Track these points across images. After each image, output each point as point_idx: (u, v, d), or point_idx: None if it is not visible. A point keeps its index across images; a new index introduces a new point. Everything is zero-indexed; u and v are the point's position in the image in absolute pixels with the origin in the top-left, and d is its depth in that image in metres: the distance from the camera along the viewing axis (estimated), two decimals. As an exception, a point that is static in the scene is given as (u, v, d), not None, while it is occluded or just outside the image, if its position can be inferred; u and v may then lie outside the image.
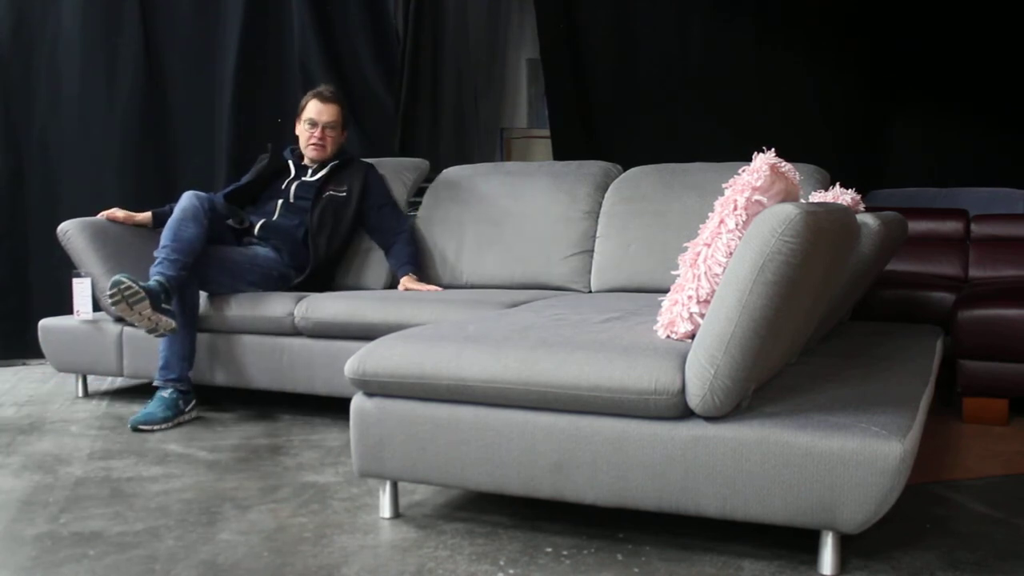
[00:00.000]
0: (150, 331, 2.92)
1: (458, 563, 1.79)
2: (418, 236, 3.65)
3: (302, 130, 3.54)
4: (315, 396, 3.13)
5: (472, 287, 3.50)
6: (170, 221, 3.05)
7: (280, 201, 3.47)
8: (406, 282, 3.36)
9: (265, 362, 3.13)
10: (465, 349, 1.91)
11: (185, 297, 3.05)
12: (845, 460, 1.61)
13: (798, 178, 1.96)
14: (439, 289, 3.33)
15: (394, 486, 2.07)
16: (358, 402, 2.02)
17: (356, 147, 4.52)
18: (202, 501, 2.20)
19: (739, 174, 1.80)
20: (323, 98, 3.51)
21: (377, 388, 1.98)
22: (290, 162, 3.58)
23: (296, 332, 3.09)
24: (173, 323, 2.96)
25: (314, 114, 3.50)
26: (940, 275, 3.95)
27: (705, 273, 1.76)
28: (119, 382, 3.85)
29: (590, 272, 3.36)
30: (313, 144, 3.51)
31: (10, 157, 4.36)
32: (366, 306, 2.98)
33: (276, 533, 1.97)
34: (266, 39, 4.65)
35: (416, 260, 3.49)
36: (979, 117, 5.22)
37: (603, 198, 3.46)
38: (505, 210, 3.54)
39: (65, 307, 3.70)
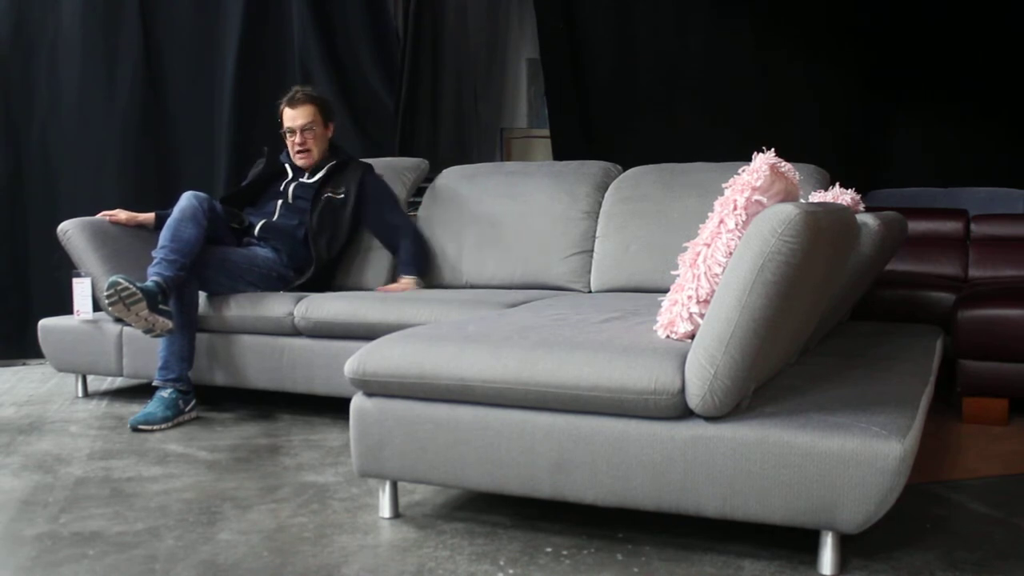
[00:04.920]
0: (147, 332, 2.92)
1: (458, 563, 1.79)
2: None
3: (286, 139, 3.53)
4: (315, 396, 3.13)
5: (472, 287, 3.50)
6: (169, 221, 3.05)
7: (279, 202, 3.47)
8: (398, 284, 3.31)
9: (265, 362, 3.13)
10: (465, 349, 1.91)
11: (184, 297, 3.05)
12: (845, 460, 1.61)
13: (798, 178, 1.96)
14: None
15: (394, 486, 2.07)
16: (358, 402, 2.02)
17: (356, 147, 4.52)
18: (202, 501, 2.20)
19: (739, 174, 1.80)
20: (293, 102, 3.47)
21: (377, 388, 1.98)
22: (287, 165, 3.57)
23: (296, 332, 3.09)
24: (170, 324, 2.95)
25: (289, 121, 3.47)
26: (940, 275, 3.95)
27: (705, 273, 1.76)
28: (119, 382, 3.85)
29: (590, 272, 3.36)
30: (298, 152, 3.50)
31: (10, 157, 4.37)
32: (366, 306, 2.97)
33: (276, 533, 1.97)
34: (266, 39, 4.66)
35: (419, 260, 3.48)
36: (979, 117, 5.22)
37: (603, 198, 3.46)
38: (505, 210, 3.54)
39: (65, 307, 3.71)
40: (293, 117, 3.47)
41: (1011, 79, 5.14)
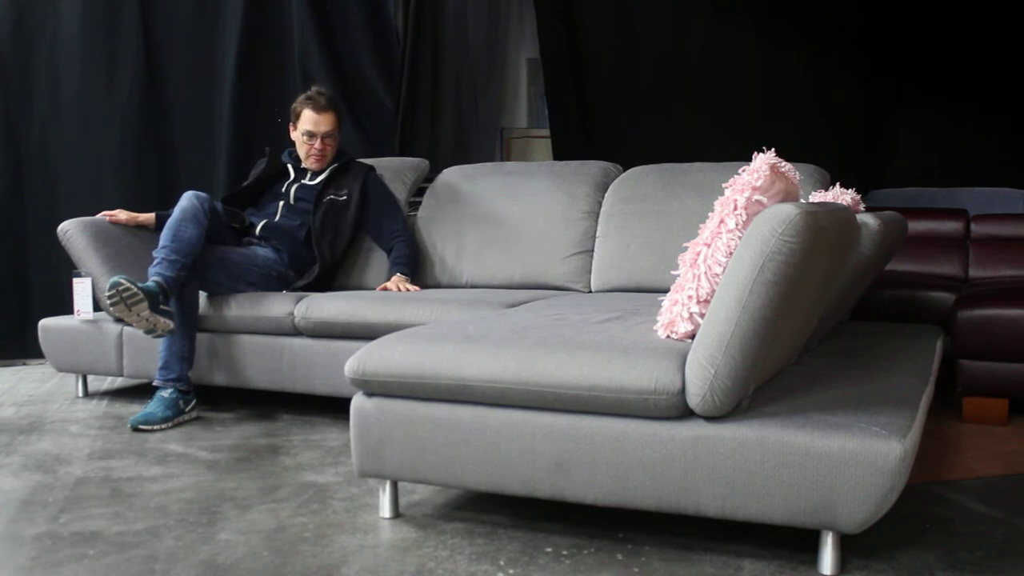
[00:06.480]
0: (148, 332, 2.92)
1: (458, 563, 1.79)
2: (418, 236, 3.65)
3: (300, 139, 3.50)
4: (315, 396, 3.13)
5: (472, 287, 3.50)
6: (170, 221, 3.05)
7: (281, 203, 3.47)
8: (392, 282, 3.30)
9: (265, 362, 3.13)
10: (465, 349, 1.91)
11: (184, 297, 3.05)
12: (845, 460, 1.61)
13: (798, 178, 1.96)
14: (418, 289, 3.30)
15: (394, 486, 2.07)
16: (358, 402, 2.02)
17: (356, 147, 4.52)
18: (202, 501, 2.20)
19: (739, 174, 1.80)
20: (319, 107, 3.44)
21: (377, 388, 1.98)
22: (289, 165, 3.57)
23: (296, 332, 3.09)
24: (171, 324, 2.96)
25: (311, 125, 3.44)
26: (940, 275, 3.95)
27: (705, 273, 1.76)
28: (119, 382, 3.85)
29: (590, 272, 3.36)
30: (314, 156, 3.48)
31: (10, 157, 4.37)
32: (366, 306, 2.98)
33: (276, 533, 1.97)
34: (266, 39, 4.65)
35: (411, 262, 3.47)
36: (979, 117, 5.22)
37: (603, 198, 3.46)
38: (505, 210, 3.54)
39: (65, 307, 3.71)
40: (317, 122, 3.44)
41: (1011, 79, 5.14)
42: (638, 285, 3.21)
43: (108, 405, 3.39)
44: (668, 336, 1.87)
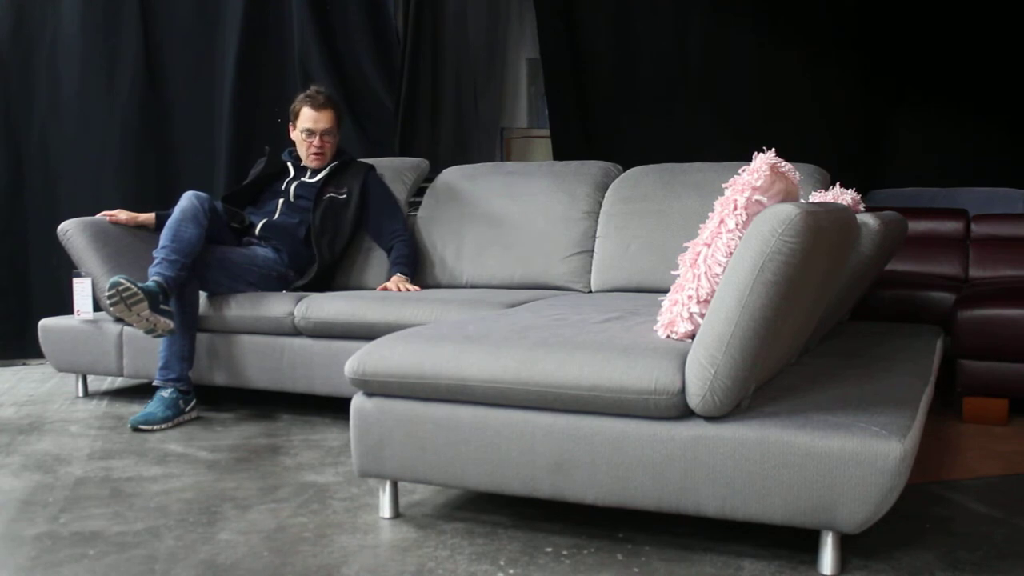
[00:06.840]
0: (148, 332, 2.92)
1: (458, 563, 1.79)
2: (418, 236, 3.65)
3: (299, 138, 3.51)
4: (315, 396, 3.13)
5: (472, 287, 3.50)
6: (170, 221, 3.05)
7: (281, 201, 3.47)
8: (392, 282, 3.30)
9: (265, 362, 3.13)
10: (465, 349, 1.91)
11: (184, 297, 3.05)
12: (845, 460, 1.61)
13: (798, 178, 1.96)
14: (418, 289, 3.30)
15: (394, 486, 2.07)
16: (358, 402, 2.02)
17: (356, 147, 4.52)
18: (202, 501, 2.20)
19: (739, 174, 1.80)
20: (317, 104, 3.45)
21: (377, 388, 1.98)
22: (289, 164, 3.57)
23: (296, 332, 3.09)
24: (171, 324, 2.96)
25: (310, 123, 3.45)
26: (940, 275, 3.95)
27: (705, 273, 1.76)
28: (119, 382, 3.85)
29: (590, 272, 3.36)
30: (313, 154, 3.49)
31: (10, 157, 4.37)
32: (366, 306, 2.98)
33: (276, 533, 1.97)
34: (266, 39, 4.66)
35: (411, 262, 3.47)
36: (979, 117, 5.22)
37: (603, 198, 3.46)
38: (505, 210, 3.54)
39: (65, 307, 3.70)
40: (316, 120, 3.45)
41: (1011, 79, 5.14)
42: (638, 285, 3.21)
43: (108, 405, 3.39)
44: (668, 336, 1.87)
